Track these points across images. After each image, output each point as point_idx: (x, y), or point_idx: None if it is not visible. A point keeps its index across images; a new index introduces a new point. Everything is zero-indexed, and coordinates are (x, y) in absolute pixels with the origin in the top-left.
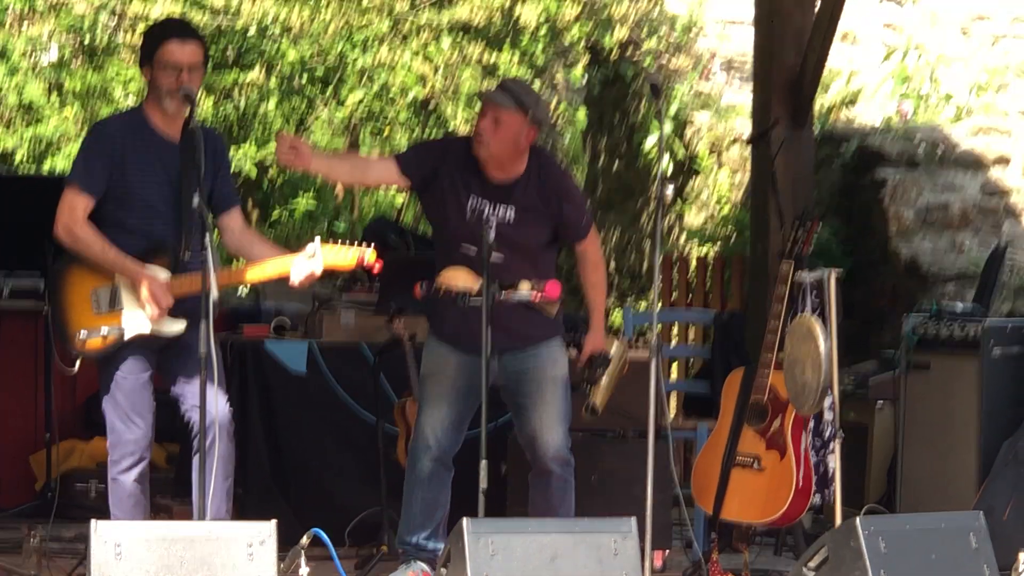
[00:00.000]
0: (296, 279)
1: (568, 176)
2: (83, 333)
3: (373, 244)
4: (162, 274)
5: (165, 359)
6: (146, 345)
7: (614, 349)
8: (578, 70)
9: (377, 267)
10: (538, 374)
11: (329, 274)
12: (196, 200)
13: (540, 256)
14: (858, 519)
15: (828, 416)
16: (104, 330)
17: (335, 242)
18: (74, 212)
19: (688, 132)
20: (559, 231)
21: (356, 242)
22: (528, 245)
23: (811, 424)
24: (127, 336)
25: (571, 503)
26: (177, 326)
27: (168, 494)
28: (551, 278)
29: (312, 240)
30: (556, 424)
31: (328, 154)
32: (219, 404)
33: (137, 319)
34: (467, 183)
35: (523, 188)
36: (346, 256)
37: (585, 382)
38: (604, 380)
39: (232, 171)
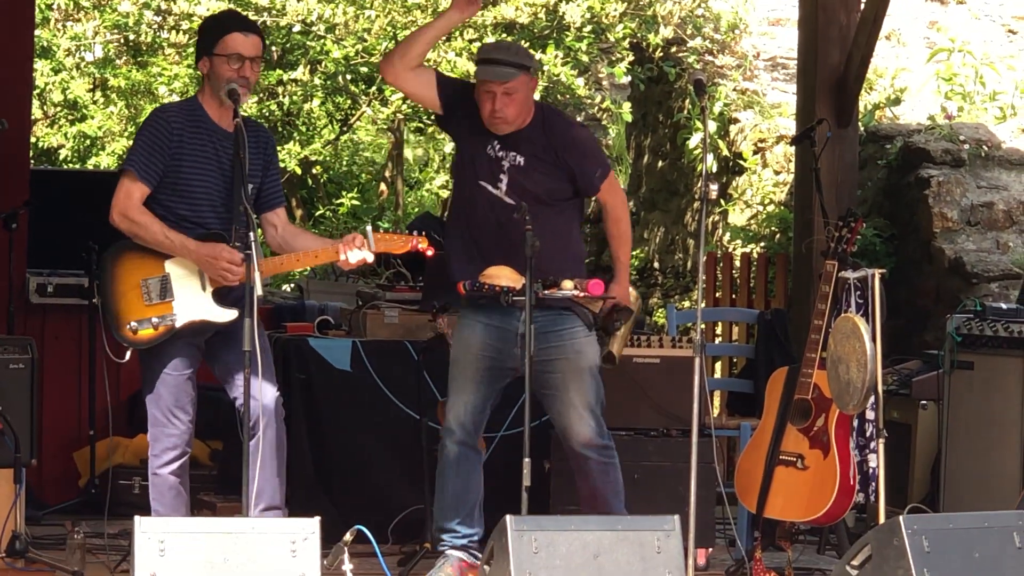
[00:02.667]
0: (352, 261)
1: (576, 127)
2: (134, 324)
3: (424, 232)
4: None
5: (213, 348)
6: (195, 336)
7: (633, 300)
8: (621, 68)
9: (430, 252)
10: (561, 366)
11: (372, 272)
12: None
13: (557, 212)
14: (901, 518)
15: (871, 415)
16: (155, 320)
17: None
18: (130, 198)
19: (732, 131)
20: (574, 183)
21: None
22: (539, 193)
23: (854, 423)
24: (179, 324)
25: (616, 481)
26: (228, 315)
27: (211, 491)
28: (569, 237)
29: (363, 229)
30: (586, 414)
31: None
32: (268, 391)
33: (188, 308)
34: (482, 128)
35: (528, 139)
36: (398, 242)
37: (604, 331)
38: (622, 331)
39: None
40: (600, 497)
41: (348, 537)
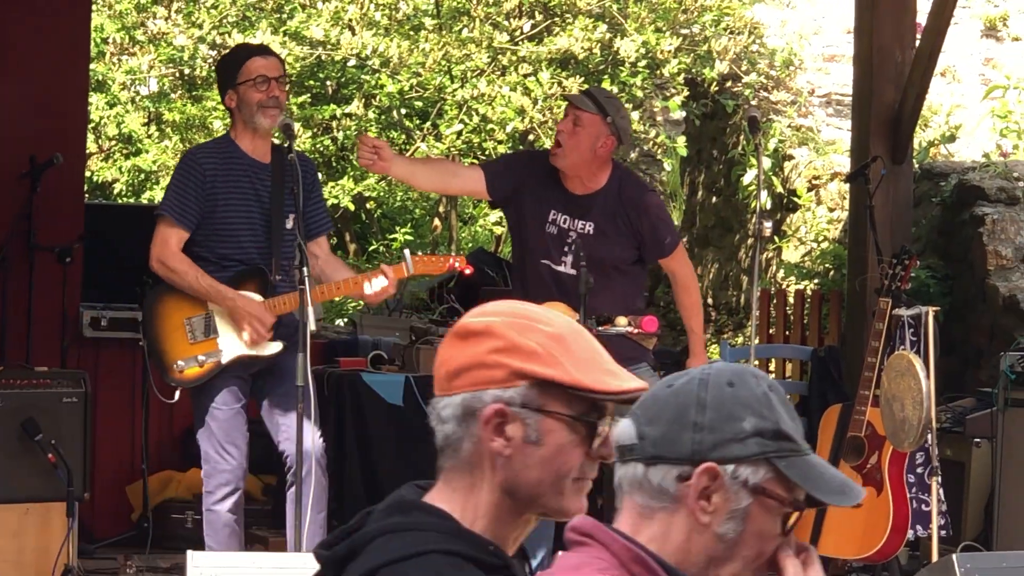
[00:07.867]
0: (370, 290)
1: (650, 192)
2: (180, 363)
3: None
4: (255, 299)
5: (260, 385)
6: (242, 370)
7: None
8: (676, 101)
9: (468, 271)
10: None
11: (425, 307)
12: (290, 223)
13: (622, 274)
14: (955, 556)
15: (925, 453)
16: (201, 358)
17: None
18: (167, 244)
19: (787, 167)
20: (641, 250)
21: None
22: (607, 261)
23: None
24: (224, 361)
25: None
26: (273, 348)
27: (264, 526)
28: (635, 298)
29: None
30: None
31: (410, 160)
32: (313, 438)
33: (233, 343)
34: (548, 197)
35: (602, 202)
36: (436, 263)
37: None
38: None
39: (329, 204)
40: None
41: None
